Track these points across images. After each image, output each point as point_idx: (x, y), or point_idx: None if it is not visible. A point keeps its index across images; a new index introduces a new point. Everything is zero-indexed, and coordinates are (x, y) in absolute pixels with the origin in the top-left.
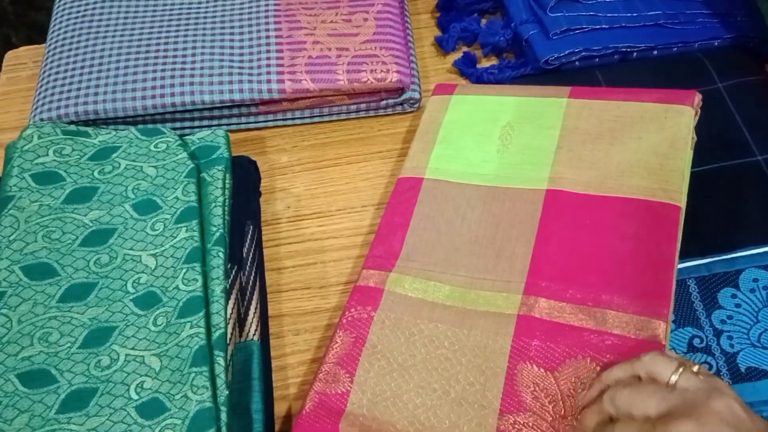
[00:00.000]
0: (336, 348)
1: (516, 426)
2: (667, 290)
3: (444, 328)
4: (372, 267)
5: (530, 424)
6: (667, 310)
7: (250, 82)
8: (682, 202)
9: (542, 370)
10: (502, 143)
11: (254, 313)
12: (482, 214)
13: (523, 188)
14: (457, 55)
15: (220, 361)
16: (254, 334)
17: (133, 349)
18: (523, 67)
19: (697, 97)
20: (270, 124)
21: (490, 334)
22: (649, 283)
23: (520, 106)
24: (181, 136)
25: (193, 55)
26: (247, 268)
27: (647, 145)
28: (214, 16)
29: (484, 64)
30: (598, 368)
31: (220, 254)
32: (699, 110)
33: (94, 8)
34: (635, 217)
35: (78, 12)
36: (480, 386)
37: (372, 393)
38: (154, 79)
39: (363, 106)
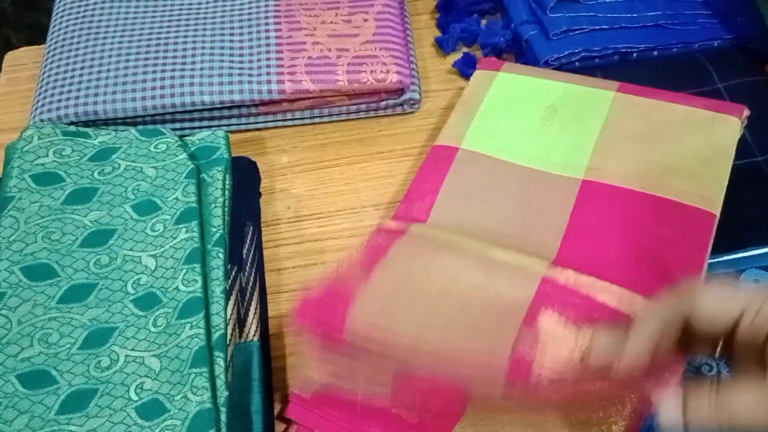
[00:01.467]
0: (344, 270)
1: (534, 340)
2: None
3: (467, 267)
4: (402, 218)
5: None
6: None
7: (250, 82)
8: (718, 211)
9: (561, 325)
10: (544, 124)
11: (254, 313)
12: (515, 194)
13: (560, 175)
14: (457, 56)
15: (220, 362)
16: (254, 335)
17: (133, 350)
18: None
19: (746, 111)
20: (270, 124)
21: (513, 285)
22: (673, 285)
23: (566, 91)
24: (180, 136)
25: (193, 55)
26: (247, 269)
27: (691, 150)
28: (214, 17)
29: None
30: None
31: (220, 255)
32: (745, 123)
33: (93, 9)
34: (670, 219)
35: (78, 13)
36: (500, 308)
37: (380, 304)
38: (154, 80)
39: (363, 106)
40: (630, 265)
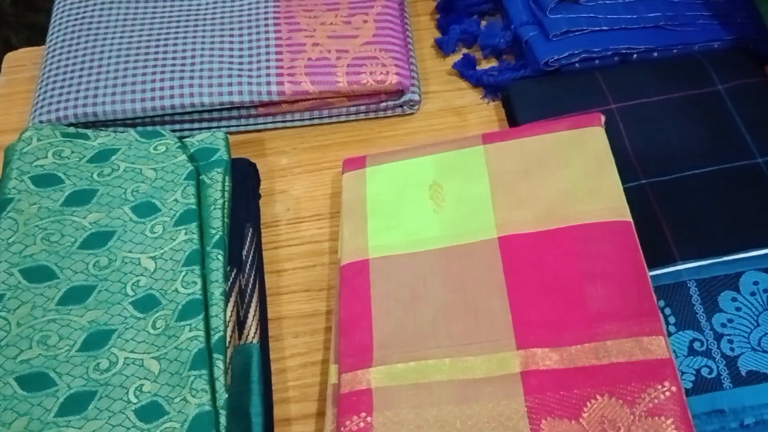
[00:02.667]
0: None
1: None
2: (651, 303)
3: (449, 408)
4: (350, 369)
5: None
6: (659, 324)
7: (250, 84)
8: (630, 216)
9: (566, 420)
10: (436, 203)
11: (253, 315)
12: (444, 277)
13: (475, 241)
14: (456, 57)
15: (220, 364)
16: (253, 337)
17: (132, 352)
18: (523, 68)
19: (602, 118)
20: (269, 126)
21: (500, 400)
22: (633, 301)
23: (439, 162)
24: (180, 138)
25: (193, 57)
26: (247, 271)
27: (577, 170)
28: (214, 18)
29: (484, 65)
30: (620, 402)
31: (220, 257)
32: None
33: (93, 10)
34: (593, 241)
35: (78, 14)
36: None
37: None
38: (154, 81)
39: (362, 108)
40: (581, 300)
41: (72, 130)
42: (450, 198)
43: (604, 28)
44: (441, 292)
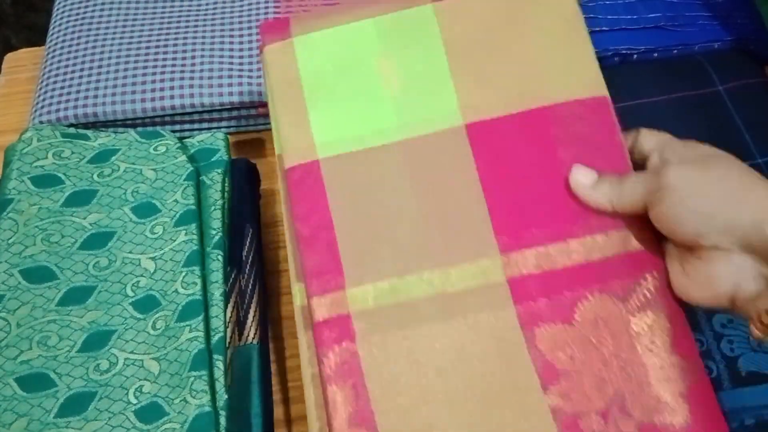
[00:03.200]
0: (340, 408)
1: (565, 395)
2: None
3: (438, 326)
4: (320, 292)
5: (577, 385)
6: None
7: (250, 84)
8: (607, 91)
9: (560, 324)
10: (386, 81)
11: (254, 316)
12: (411, 179)
13: (440, 131)
14: None
15: (220, 365)
16: (253, 338)
17: (132, 353)
18: None
19: None
20: (270, 126)
21: (489, 311)
22: None
23: (381, 28)
24: (180, 138)
25: (193, 57)
26: (247, 272)
27: (545, 35)
28: (214, 18)
29: None
30: (613, 299)
31: (220, 257)
32: None
33: (93, 11)
34: (572, 122)
35: (78, 14)
36: (507, 371)
37: (398, 416)
38: (154, 81)
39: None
40: (562, 191)
41: (72, 130)
42: (402, 74)
43: (604, 28)
44: (410, 197)
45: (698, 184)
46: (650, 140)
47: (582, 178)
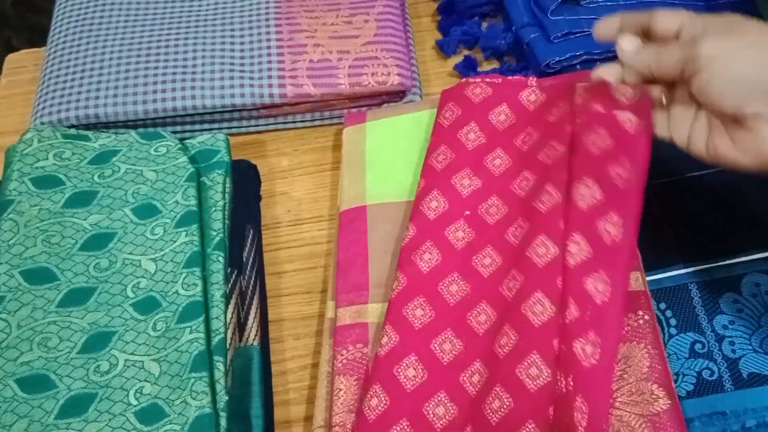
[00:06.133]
0: (342, 395)
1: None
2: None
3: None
4: (347, 304)
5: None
6: (637, 261)
7: (251, 86)
8: None
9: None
10: (423, 155)
11: (254, 317)
12: None
13: None
14: (458, 59)
15: (220, 366)
16: (254, 339)
17: (132, 354)
18: (524, 70)
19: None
20: (270, 127)
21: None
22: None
23: (434, 117)
24: (181, 139)
25: (194, 59)
26: (247, 273)
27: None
28: (215, 20)
29: (485, 67)
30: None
31: (220, 258)
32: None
33: (94, 12)
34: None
35: (79, 15)
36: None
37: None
38: (155, 83)
39: (364, 109)
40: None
41: (73, 131)
42: None
43: None
44: None
45: (736, 52)
46: (671, 19)
47: (626, 44)
